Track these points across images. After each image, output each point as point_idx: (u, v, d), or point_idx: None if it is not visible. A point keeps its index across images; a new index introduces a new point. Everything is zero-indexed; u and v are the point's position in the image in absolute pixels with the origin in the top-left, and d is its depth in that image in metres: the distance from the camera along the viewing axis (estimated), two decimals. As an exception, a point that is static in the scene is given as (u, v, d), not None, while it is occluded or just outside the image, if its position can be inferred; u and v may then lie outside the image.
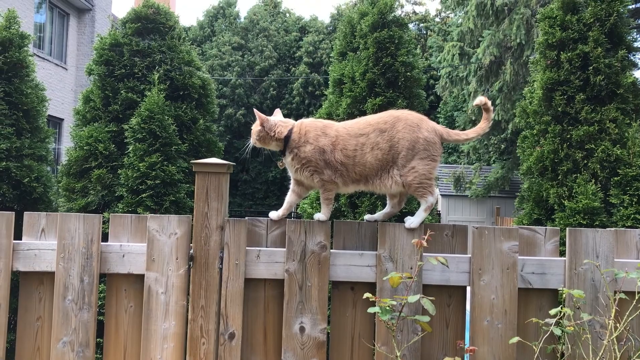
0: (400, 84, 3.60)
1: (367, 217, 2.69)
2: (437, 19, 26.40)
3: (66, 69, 16.40)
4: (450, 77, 15.25)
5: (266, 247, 2.55)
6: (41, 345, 2.57)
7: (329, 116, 3.69)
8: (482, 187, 17.13)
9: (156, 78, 3.75)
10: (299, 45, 21.57)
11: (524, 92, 4.19)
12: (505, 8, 12.38)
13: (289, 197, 2.62)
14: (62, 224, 2.62)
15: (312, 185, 2.55)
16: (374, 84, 3.59)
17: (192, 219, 2.55)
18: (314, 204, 3.69)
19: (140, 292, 2.56)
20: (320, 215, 2.54)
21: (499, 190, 17.46)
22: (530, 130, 3.80)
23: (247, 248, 2.49)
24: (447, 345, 2.56)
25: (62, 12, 16.31)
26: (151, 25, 4.16)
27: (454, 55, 14.46)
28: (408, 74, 3.61)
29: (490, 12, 12.68)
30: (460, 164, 19.50)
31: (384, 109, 3.65)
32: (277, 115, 2.57)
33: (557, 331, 1.80)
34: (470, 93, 14.59)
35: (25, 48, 4.13)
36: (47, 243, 2.63)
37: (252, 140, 2.54)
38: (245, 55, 20.74)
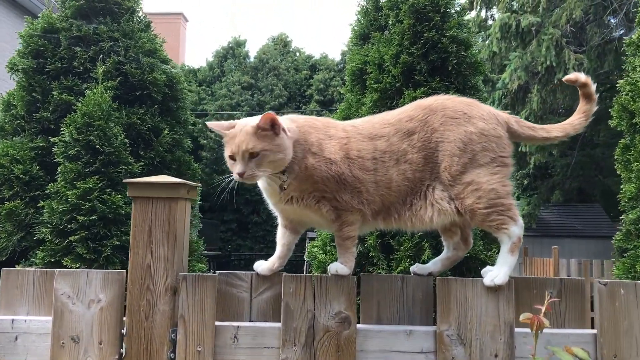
0: (450, 68, 2.80)
1: (416, 268, 1.95)
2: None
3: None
4: None
5: (250, 320, 1.89)
6: None
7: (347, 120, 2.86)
8: (507, 226, 17.32)
9: (100, 72, 3.02)
10: (309, 83, 24.18)
11: (619, 84, 3.37)
12: (533, 29, 12.41)
13: (283, 237, 1.97)
14: None
15: (318, 220, 1.90)
16: (412, 69, 2.83)
17: (127, 276, 1.89)
18: (328, 247, 2.84)
19: (43, 400, 1.80)
20: (338, 267, 1.81)
21: (525, 229, 17.18)
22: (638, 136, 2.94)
23: (217, 323, 1.83)
24: None
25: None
26: (100, 4, 3.47)
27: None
28: (462, 53, 2.81)
29: (515, 33, 12.78)
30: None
31: (428, 106, 2.83)
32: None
33: None
34: (494, 123, 14.77)
35: None
36: None
37: (263, 171, 1.73)
38: (255, 95, 22.66)
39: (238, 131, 1.69)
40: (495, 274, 1.75)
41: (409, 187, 1.83)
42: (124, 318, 1.86)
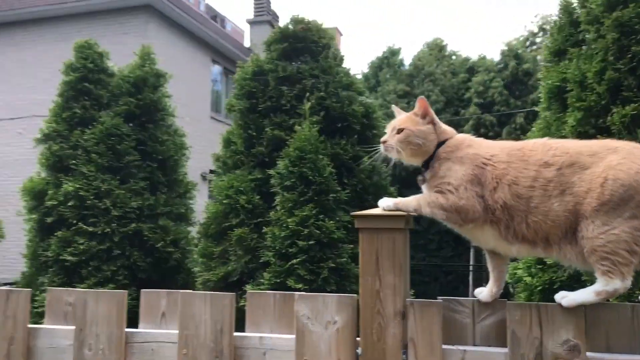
0: (663, 82, 2.65)
1: (649, 297, 1.83)
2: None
3: (242, 132, 17.95)
4: None
5: (473, 344, 1.94)
6: None
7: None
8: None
9: (307, 108, 3.31)
10: (467, 86, 23.17)
11: None
12: None
13: (489, 262, 2.02)
14: (183, 308, 2.20)
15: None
16: (619, 85, 2.73)
17: (358, 300, 2.02)
18: (534, 269, 2.83)
19: (288, 411, 2.02)
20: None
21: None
22: None
23: (443, 347, 1.91)
24: None
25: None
26: (300, 44, 3.80)
27: None
28: (676, 65, 2.66)
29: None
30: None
31: (638, 123, 2.72)
32: None
33: None
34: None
35: (162, 88, 3.98)
36: (166, 333, 2.21)
37: (399, 145, 1.99)
38: (411, 102, 22.42)
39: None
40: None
41: (567, 221, 1.76)
42: (358, 338, 2.00)
